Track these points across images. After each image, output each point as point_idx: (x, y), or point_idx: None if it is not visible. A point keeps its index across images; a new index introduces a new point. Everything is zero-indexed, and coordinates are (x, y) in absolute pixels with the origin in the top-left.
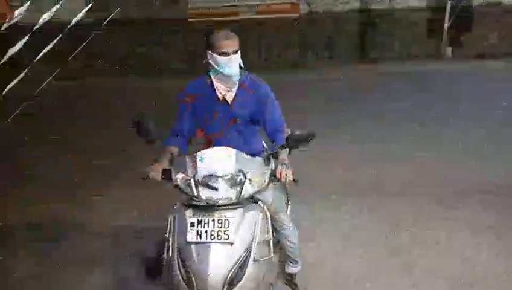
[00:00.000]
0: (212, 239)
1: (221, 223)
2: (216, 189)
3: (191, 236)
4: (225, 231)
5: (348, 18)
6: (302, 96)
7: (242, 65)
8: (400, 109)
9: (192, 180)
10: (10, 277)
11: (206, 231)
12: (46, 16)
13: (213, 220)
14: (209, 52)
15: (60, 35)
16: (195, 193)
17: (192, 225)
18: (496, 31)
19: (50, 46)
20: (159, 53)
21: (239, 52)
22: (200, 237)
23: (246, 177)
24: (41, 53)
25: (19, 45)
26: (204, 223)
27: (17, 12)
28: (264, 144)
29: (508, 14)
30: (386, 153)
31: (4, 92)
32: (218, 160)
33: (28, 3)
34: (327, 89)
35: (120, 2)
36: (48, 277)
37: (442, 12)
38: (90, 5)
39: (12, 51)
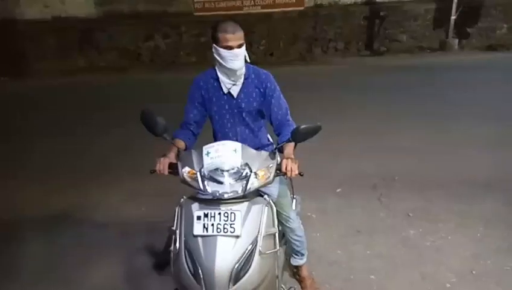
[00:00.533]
0: (218, 232)
1: (228, 216)
2: (222, 183)
3: (198, 229)
4: (231, 224)
5: (354, 11)
6: (304, 93)
7: (248, 59)
8: (408, 103)
9: (198, 174)
10: (18, 269)
11: (212, 224)
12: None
13: (219, 214)
14: (214, 45)
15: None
16: (202, 187)
17: (198, 218)
18: (504, 23)
19: (58, 41)
20: (166, 46)
21: (244, 45)
22: (207, 230)
23: (251, 171)
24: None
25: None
26: (211, 217)
27: None
28: (270, 138)
29: None
30: (395, 146)
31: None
32: (224, 154)
33: None
34: (329, 85)
35: None
36: (55, 268)
37: (450, 3)
38: None
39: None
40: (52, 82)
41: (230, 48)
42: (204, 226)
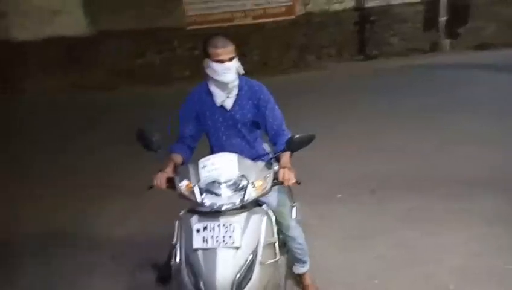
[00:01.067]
0: (218, 244)
1: (227, 228)
2: (219, 195)
3: (197, 242)
4: (231, 235)
5: (344, 17)
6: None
7: (242, 70)
8: (402, 106)
9: (196, 187)
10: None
11: (212, 237)
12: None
13: (218, 226)
14: (206, 59)
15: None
16: (200, 200)
17: (198, 231)
18: (492, 22)
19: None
20: (160, 62)
21: (235, 58)
22: (207, 243)
23: (248, 182)
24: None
25: None
26: (210, 229)
27: None
28: (266, 148)
29: (503, 3)
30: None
31: None
32: (220, 166)
33: None
34: (323, 91)
35: (118, 14)
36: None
37: (438, 4)
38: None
39: None
40: (41, 100)
41: (221, 61)
42: (203, 239)
